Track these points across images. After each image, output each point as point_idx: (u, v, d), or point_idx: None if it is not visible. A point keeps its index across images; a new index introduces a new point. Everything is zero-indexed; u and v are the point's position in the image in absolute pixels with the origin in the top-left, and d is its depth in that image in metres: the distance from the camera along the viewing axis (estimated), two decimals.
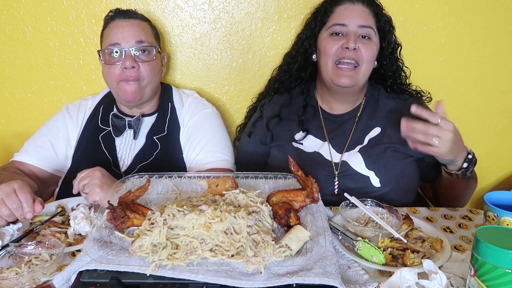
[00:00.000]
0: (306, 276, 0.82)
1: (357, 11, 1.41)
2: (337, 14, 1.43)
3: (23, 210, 1.05)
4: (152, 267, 0.83)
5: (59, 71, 1.76)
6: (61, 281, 0.86)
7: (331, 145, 1.46)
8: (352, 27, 1.39)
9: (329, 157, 1.44)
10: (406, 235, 1.06)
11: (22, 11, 1.67)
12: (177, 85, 1.78)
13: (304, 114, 1.52)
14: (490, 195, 1.08)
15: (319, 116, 1.53)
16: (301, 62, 1.55)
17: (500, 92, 1.80)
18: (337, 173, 1.41)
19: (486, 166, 1.90)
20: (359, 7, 1.41)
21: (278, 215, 1.00)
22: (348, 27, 1.39)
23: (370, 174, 1.38)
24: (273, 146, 1.52)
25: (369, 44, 1.40)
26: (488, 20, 1.69)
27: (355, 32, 1.39)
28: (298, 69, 1.56)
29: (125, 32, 1.42)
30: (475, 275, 0.78)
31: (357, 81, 1.40)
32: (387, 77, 1.51)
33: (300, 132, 1.50)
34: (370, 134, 1.45)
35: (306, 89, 1.57)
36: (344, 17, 1.41)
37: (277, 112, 1.55)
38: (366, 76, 1.43)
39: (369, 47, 1.39)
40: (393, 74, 1.52)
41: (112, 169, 1.47)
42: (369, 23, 1.41)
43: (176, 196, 1.15)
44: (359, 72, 1.40)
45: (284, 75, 1.61)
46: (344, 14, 1.41)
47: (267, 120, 1.55)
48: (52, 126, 1.54)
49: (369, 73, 1.43)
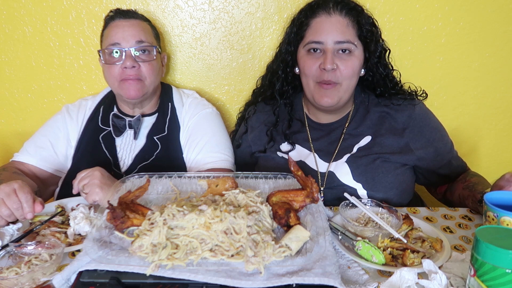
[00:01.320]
0: (306, 276, 0.82)
1: (334, 25, 1.31)
2: (313, 29, 1.34)
3: (23, 210, 1.05)
4: (152, 267, 0.83)
5: (59, 71, 1.76)
6: (61, 281, 0.86)
7: (317, 155, 1.42)
8: (329, 43, 1.30)
9: (315, 167, 1.41)
10: (406, 235, 1.06)
11: (22, 11, 1.67)
12: (177, 85, 1.78)
13: (289, 128, 1.48)
14: (490, 195, 1.07)
15: (306, 127, 1.50)
16: (285, 79, 1.48)
17: (500, 92, 1.80)
18: (323, 186, 1.38)
19: (486, 166, 1.91)
20: (336, 19, 1.32)
21: (278, 215, 1.00)
22: (324, 44, 1.31)
23: (358, 187, 1.34)
24: (260, 156, 1.51)
25: (348, 60, 1.32)
26: (488, 20, 1.69)
27: (332, 49, 1.31)
28: (283, 86, 1.49)
29: (125, 32, 1.42)
30: (475, 275, 0.78)
31: (340, 98, 1.35)
32: (376, 85, 1.44)
33: (285, 143, 1.47)
34: (360, 143, 1.40)
35: (289, 103, 1.51)
36: (320, 33, 1.32)
37: (267, 131, 1.51)
38: (349, 91, 1.37)
39: (348, 63, 1.32)
40: (382, 81, 1.43)
41: (112, 169, 1.47)
42: (348, 37, 1.31)
43: (176, 196, 1.15)
44: (340, 90, 1.34)
45: (268, 91, 1.56)
46: (320, 29, 1.32)
47: (253, 136, 1.54)
48: (52, 126, 1.54)
49: (352, 87, 1.37)
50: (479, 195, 1.20)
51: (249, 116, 1.58)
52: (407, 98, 1.44)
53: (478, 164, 1.89)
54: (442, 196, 1.52)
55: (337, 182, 1.36)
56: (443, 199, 1.52)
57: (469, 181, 1.36)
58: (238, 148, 1.58)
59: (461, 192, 1.35)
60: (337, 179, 1.36)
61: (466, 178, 1.40)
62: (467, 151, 1.87)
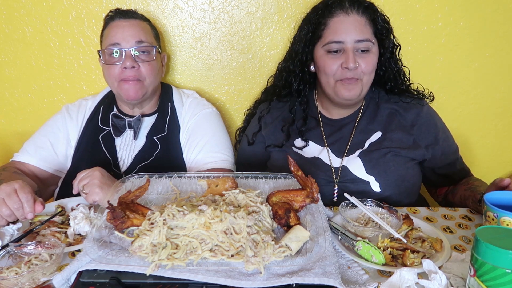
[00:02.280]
0: (306, 276, 0.82)
1: (353, 24, 1.33)
2: (332, 29, 1.35)
3: (24, 210, 1.05)
4: (152, 267, 0.83)
5: (59, 71, 1.76)
6: (61, 281, 0.86)
7: (330, 150, 1.45)
8: (350, 43, 1.33)
9: (328, 162, 1.43)
10: (406, 235, 1.06)
11: (22, 11, 1.67)
12: (177, 85, 1.78)
13: (304, 125, 1.50)
14: (490, 195, 1.08)
15: (319, 123, 1.51)
16: (302, 78, 1.50)
17: (500, 92, 1.80)
18: (337, 180, 1.39)
19: (486, 166, 1.91)
20: (354, 18, 1.34)
21: (278, 215, 1.00)
22: (345, 43, 1.33)
23: (370, 179, 1.36)
24: (274, 150, 1.51)
25: (368, 57, 1.35)
26: (488, 20, 1.69)
27: (353, 48, 1.33)
28: (298, 84, 1.51)
29: (125, 32, 1.42)
30: (475, 275, 0.78)
31: (361, 91, 1.38)
32: (387, 80, 1.47)
33: (299, 139, 1.49)
34: (371, 139, 1.43)
35: (305, 101, 1.52)
36: (339, 33, 1.34)
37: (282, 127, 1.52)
38: (368, 85, 1.40)
39: (368, 60, 1.35)
40: (393, 76, 1.47)
41: (112, 169, 1.47)
42: (366, 36, 1.34)
43: (176, 196, 1.15)
44: (361, 84, 1.37)
45: (283, 90, 1.57)
46: (340, 29, 1.34)
47: (267, 131, 1.54)
48: (52, 126, 1.54)
49: (371, 81, 1.40)
50: (479, 195, 1.22)
51: (263, 115, 1.59)
52: (415, 97, 1.49)
53: (478, 164, 1.89)
54: (443, 198, 1.54)
55: (350, 176, 1.38)
56: (444, 201, 1.53)
57: (472, 183, 1.39)
58: (251, 145, 1.57)
59: (462, 193, 1.37)
60: (350, 172, 1.38)
61: (469, 181, 1.43)
62: (467, 151, 1.86)
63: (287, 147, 1.49)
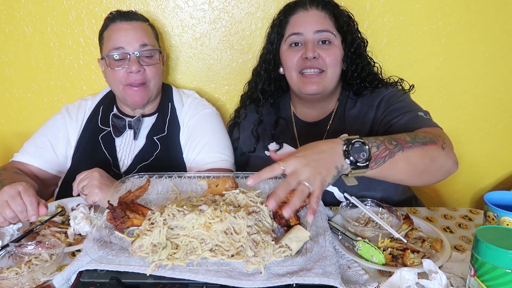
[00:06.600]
0: (306, 276, 0.82)
1: (312, 17, 1.36)
2: (292, 23, 1.39)
3: (27, 213, 1.05)
4: (152, 267, 0.83)
5: (59, 71, 1.76)
6: (61, 281, 0.86)
7: None
8: (308, 34, 1.35)
9: None
10: (406, 235, 1.06)
11: (22, 11, 1.67)
12: (177, 85, 1.78)
13: (276, 128, 1.51)
14: (490, 195, 1.08)
15: (292, 126, 1.52)
16: (267, 78, 1.52)
17: (500, 92, 1.80)
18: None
19: (486, 166, 1.91)
20: (314, 12, 1.37)
21: (278, 215, 1.00)
22: (304, 35, 1.35)
23: (334, 190, 1.34)
24: (250, 155, 1.54)
25: (329, 48, 1.35)
26: (488, 20, 1.69)
27: (312, 39, 1.35)
28: (264, 85, 1.52)
29: (128, 36, 1.41)
30: (475, 275, 0.78)
31: (325, 86, 1.36)
32: (353, 79, 1.43)
33: (274, 143, 1.49)
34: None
35: (275, 103, 1.54)
36: (298, 25, 1.37)
37: (252, 130, 1.54)
38: (334, 80, 1.38)
39: (330, 51, 1.35)
40: (359, 75, 1.42)
41: (112, 169, 1.47)
42: (326, 27, 1.35)
43: (176, 196, 1.15)
44: (326, 77, 1.35)
45: (254, 93, 1.58)
46: (299, 22, 1.37)
47: (243, 137, 1.57)
48: (52, 127, 1.54)
49: (337, 77, 1.39)
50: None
51: (241, 121, 1.61)
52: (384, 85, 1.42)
53: (478, 164, 1.90)
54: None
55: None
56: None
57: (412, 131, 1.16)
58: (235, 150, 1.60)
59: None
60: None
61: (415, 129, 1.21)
62: (467, 151, 1.87)
63: (259, 151, 1.50)
